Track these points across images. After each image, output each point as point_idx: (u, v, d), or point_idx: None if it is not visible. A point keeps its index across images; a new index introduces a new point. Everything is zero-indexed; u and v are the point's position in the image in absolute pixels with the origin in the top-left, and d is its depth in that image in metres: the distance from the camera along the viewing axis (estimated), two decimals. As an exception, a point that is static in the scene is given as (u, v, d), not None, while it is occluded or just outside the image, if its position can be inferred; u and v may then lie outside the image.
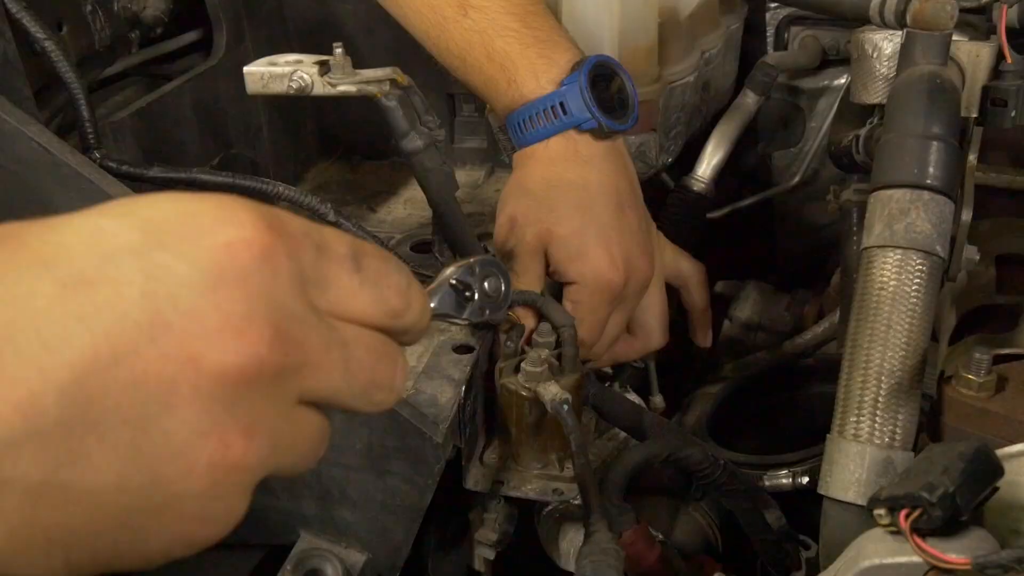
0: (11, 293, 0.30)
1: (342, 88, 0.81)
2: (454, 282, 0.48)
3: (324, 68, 0.81)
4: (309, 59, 0.82)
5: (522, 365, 0.78)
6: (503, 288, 0.50)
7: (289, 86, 0.80)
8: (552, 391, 0.75)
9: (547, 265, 0.90)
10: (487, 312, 0.50)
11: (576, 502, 0.81)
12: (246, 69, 0.82)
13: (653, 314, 0.97)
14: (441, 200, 0.87)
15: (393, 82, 0.82)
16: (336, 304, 0.38)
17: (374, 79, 0.81)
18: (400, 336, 0.42)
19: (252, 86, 0.82)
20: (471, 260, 0.49)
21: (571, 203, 0.88)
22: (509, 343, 0.83)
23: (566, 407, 0.73)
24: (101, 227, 0.32)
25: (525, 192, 0.91)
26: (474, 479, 0.82)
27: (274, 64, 0.81)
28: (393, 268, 0.41)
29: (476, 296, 0.49)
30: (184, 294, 0.32)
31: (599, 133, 0.87)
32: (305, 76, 0.80)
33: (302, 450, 0.38)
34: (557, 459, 0.81)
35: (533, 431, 0.80)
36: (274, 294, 0.34)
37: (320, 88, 0.81)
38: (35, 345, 0.29)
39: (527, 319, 0.85)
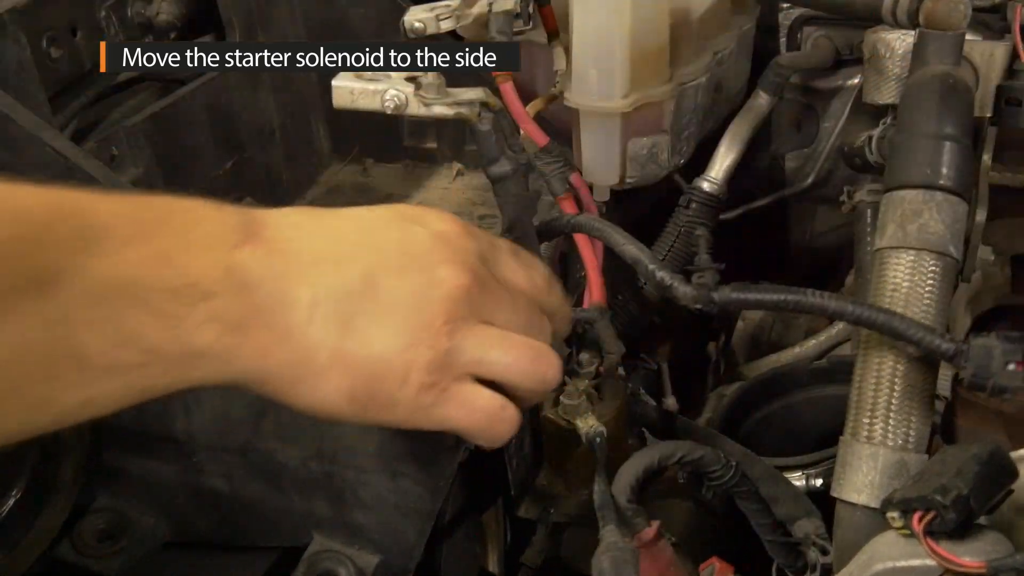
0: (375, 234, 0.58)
1: (437, 109, 0.77)
2: None
3: (416, 85, 0.77)
4: (398, 75, 0.78)
5: (560, 397, 0.78)
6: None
7: (385, 104, 0.77)
8: (589, 424, 0.76)
9: None
10: None
11: None
12: (334, 83, 0.77)
13: None
14: (518, 225, 0.84)
15: (484, 104, 0.79)
16: (503, 276, 0.60)
17: (466, 100, 0.78)
18: (548, 316, 0.63)
19: (340, 100, 0.78)
20: None
21: None
22: None
23: (599, 440, 0.75)
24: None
25: None
26: (526, 508, 0.84)
27: (362, 78, 0.77)
28: (538, 262, 0.65)
29: None
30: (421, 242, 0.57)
31: None
32: (401, 94, 0.76)
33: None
34: None
35: (578, 458, 0.81)
36: (468, 257, 0.57)
37: (414, 107, 0.77)
38: (361, 249, 0.56)
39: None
